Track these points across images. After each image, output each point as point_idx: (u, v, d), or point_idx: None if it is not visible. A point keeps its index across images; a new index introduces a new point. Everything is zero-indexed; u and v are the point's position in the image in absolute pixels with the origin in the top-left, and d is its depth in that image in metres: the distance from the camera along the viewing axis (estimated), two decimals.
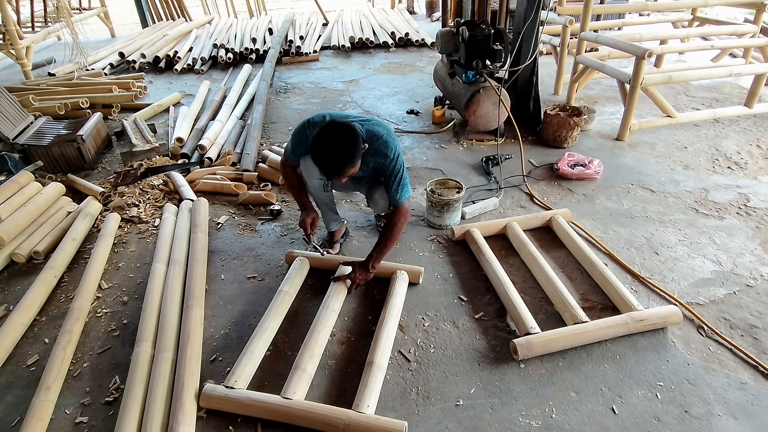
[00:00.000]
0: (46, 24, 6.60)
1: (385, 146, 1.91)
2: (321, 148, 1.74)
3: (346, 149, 1.73)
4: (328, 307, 1.91)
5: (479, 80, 3.35)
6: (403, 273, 2.10)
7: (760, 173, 2.99)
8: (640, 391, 1.64)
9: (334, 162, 1.74)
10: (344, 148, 1.73)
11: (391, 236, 1.97)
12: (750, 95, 3.63)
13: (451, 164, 3.23)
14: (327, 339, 1.82)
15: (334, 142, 1.73)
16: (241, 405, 1.57)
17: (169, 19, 7.93)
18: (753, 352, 1.76)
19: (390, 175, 1.94)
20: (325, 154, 1.74)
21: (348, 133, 1.74)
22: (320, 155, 1.75)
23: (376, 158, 1.94)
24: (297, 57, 6.06)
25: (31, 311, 2.01)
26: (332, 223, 2.35)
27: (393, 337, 1.81)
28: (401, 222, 1.97)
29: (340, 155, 1.73)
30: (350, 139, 1.74)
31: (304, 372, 1.65)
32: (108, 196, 2.89)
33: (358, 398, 1.56)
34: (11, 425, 1.60)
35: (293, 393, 1.57)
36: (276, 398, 1.56)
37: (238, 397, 1.57)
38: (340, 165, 1.74)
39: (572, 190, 2.87)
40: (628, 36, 3.91)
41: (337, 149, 1.73)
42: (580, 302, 1.99)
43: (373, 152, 1.92)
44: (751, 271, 2.17)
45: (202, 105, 4.36)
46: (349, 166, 1.75)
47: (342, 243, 2.42)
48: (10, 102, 3.42)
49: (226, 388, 1.59)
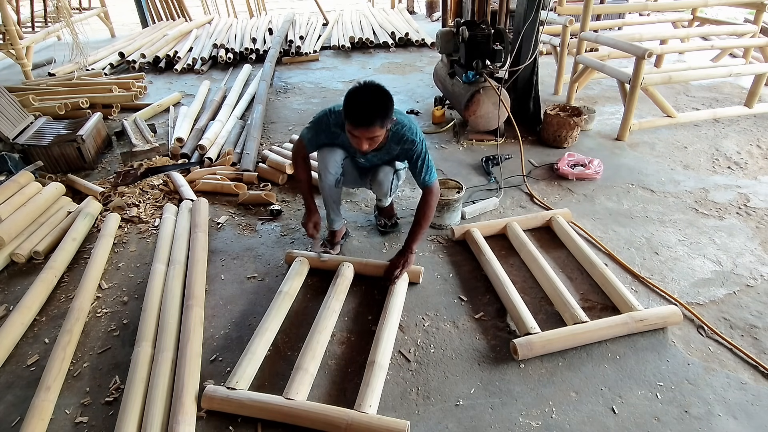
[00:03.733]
0: (46, 24, 6.60)
1: (411, 132, 1.97)
2: (356, 96, 1.75)
3: (381, 101, 1.76)
4: (328, 307, 1.91)
5: (479, 80, 3.35)
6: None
7: (760, 173, 2.99)
8: (640, 391, 1.64)
9: (368, 109, 1.74)
10: (380, 99, 1.76)
11: (426, 216, 2.04)
12: (750, 95, 3.63)
13: (451, 164, 3.23)
14: (328, 339, 1.82)
15: (370, 92, 1.75)
16: (243, 406, 1.56)
17: (169, 19, 7.93)
18: (753, 352, 1.76)
19: (418, 159, 1.99)
20: (359, 101, 1.75)
21: (384, 90, 1.78)
22: (354, 102, 1.75)
23: (402, 145, 1.99)
24: (297, 57, 6.06)
25: (31, 311, 2.01)
26: (336, 222, 2.36)
27: (394, 337, 1.81)
28: (434, 201, 2.04)
29: (374, 104, 1.75)
30: (386, 95, 1.78)
31: (306, 372, 1.65)
32: (108, 196, 2.89)
33: (360, 398, 1.56)
34: (11, 425, 1.60)
35: (295, 393, 1.57)
36: (278, 399, 1.56)
37: (240, 398, 1.57)
38: (373, 113, 1.74)
39: (572, 190, 2.87)
40: (628, 36, 3.91)
41: (372, 98, 1.75)
42: (580, 302, 1.99)
43: (398, 139, 1.97)
44: (751, 271, 2.17)
45: (202, 105, 4.35)
46: (380, 120, 1.75)
47: (342, 244, 2.42)
48: (10, 102, 3.42)
49: (227, 389, 1.59)
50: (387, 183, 2.17)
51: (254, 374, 1.68)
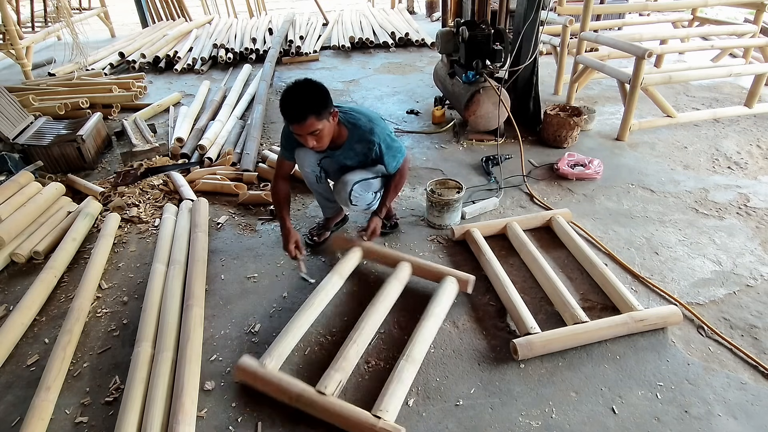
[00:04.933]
0: (46, 24, 6.60)
1: (368, 131, 2.00)
2: (286, 94, 1.78)
3: (310, 95, 1.78)
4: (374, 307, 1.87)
5: (479, 80, 3.35)
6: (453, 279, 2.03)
7: (760, 173, 2.99)
8: (640, 391, 1.64)
9: (297, 104, 1.76)
10: (309, 93, 1.78)
11: (397, 184, 2.17)
12: (750, 95, 3.63)
13: (451, 164, 3.23)
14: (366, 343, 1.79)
15: (299, 88, 1.78)
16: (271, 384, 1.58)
17: (169, 19, 7.93)
18: (753, 352, 1.76)
19: (381, 154, 2.04)
20: (289, 98, 1.77)
21: (315, 84, 1.80)
22: (285, 100, 1.78)
23: (362, 144, 2.02)
24: (297, 57, 6.06)
25: (31, 311, 2.01)
26: (327, 210, 2.41)
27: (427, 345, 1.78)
28: (403, 176, 2.17)
29: (303, 99, 1.77)
30: (316, 88, 1.80)
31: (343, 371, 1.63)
32: (108, 196, 2.89)
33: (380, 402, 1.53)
34: (11, 425, 1.60)
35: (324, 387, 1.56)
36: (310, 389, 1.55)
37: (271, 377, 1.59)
38: (302, 108, 1.76)
39: (572, 190, 2.87)
40: (628, 36, 3.90)
41: (301, 93, 1.77)
42: (580, 302, 1.99)
43: (359, 138, 2.01)
44: (751, 271, 2.17)
45: (202, 105, 4.36)
46: (311, 113, 1.77)
47: (335, 231, 2.42)
48: (10, 102, 3.42)
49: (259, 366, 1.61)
50: (344, 193, 2.11)
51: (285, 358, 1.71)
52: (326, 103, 1.81)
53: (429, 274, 2.10)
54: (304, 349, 1.84)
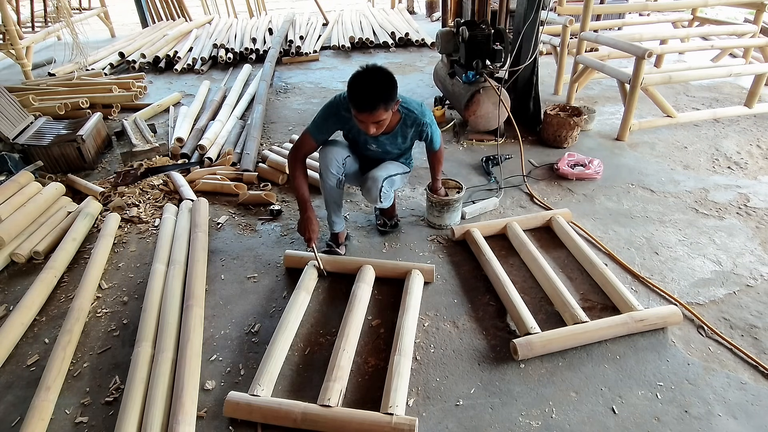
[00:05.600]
0: (46, 24, 6.60)
1: (422, 115, 2.08)
2: (359, 81, 1.76)
3: (384, 85, 1.77)
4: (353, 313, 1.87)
5: (479, 80, 3.35)
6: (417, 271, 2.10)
7: (760, 173, 2.99)
8: (640, 391, 1.64)
9: (371, 93, 1.74)
10: (382, 83, 1.77)
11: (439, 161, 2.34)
12: (750, 95, 3.63)
13: (451, 164, 3.22)
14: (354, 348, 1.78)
15: (372, 76, 1.76)
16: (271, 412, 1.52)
17: (169, 19, 7.93)
18: (753, 352, 1.76)
19: (430, 136, 2.16)
20: (362, 86, 1.76)
21: (387, 73, 1.79)
22: (357, 87, 1.76)
23: (416, 128, 2.10)
24: (297, 57, 6.06)
25: (31, 311, 2.01)
26: (338, 224, 2.32)
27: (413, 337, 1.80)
28: (442, 153, 2.34)
29: (377, 88, 1.75)
30: (389, 78, 1.79)
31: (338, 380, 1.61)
32: (108, 196, 2.89)
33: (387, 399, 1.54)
34: (11, 425, 1.59)
35: (327, 399, 1.53)
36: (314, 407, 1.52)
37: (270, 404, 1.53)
38: (376, 98, 1.74)
39: (572, 190, 2.87)
40: (628, 36, 3.90)
41: (375, 82, 1.76)
42: (580, 302, 1.99)
43: (411, 122, 2.07)
44: (751, 271, 2.17)
45: (202, 105, 4.36)
46: (383, 103, 1.76)
47: (346, 245, 2.42)
48: (10, 102, 3.42)
49: (252, 396, 1.55)
50: (375, 190, 2.14)
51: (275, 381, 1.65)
52: (395, 93, 1.82)
53: (392, 272, 2.14)
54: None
